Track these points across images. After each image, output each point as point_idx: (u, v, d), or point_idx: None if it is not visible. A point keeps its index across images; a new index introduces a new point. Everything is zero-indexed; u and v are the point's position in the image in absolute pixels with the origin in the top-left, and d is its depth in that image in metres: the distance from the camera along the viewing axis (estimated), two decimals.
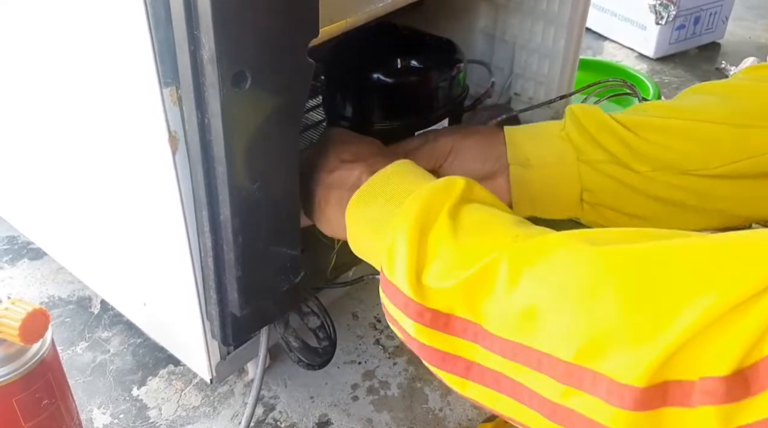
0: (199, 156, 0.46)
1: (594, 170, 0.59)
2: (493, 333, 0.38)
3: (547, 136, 0.61)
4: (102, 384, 0.72)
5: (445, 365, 0.41)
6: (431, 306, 0.40)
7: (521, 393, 0.37)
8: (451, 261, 0.41)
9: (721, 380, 0.29)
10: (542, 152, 0.60)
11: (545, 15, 0.87)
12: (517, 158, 0.61)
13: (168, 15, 0.42)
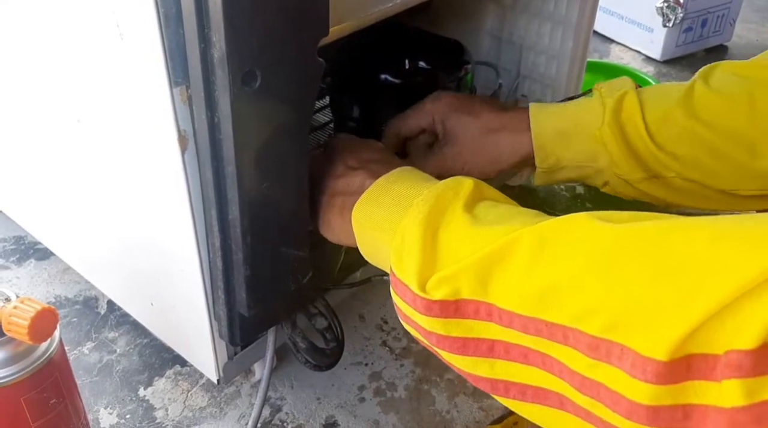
0: (208, 156, 0.46)
1: (625, 183, 0.60)
2: (511, 310, 0.37)
3: (581, 137, 0.59)
4: (109, 385, 0.72)
5: (468, 350, 0.40)
6: (437, 298, 0.40)
7: (551, 364, 0.36)
8: (465, 247, 0.40)
9: (748, 353, 0.29)
10: (574, 155, 0.60)
11: (553, 16, 0.86)
12: (545, 162, 0.61)
13: (179, 14, 0.42)
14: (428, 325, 0.41)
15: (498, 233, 0.39)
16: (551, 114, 0.61)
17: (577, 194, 1.01)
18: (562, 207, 0.98)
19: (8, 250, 0.89)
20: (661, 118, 0.58)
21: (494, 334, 0.39)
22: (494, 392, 0.40)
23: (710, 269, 0.31)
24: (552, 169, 0.61)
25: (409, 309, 0.43)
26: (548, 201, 1.00)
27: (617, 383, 0.32)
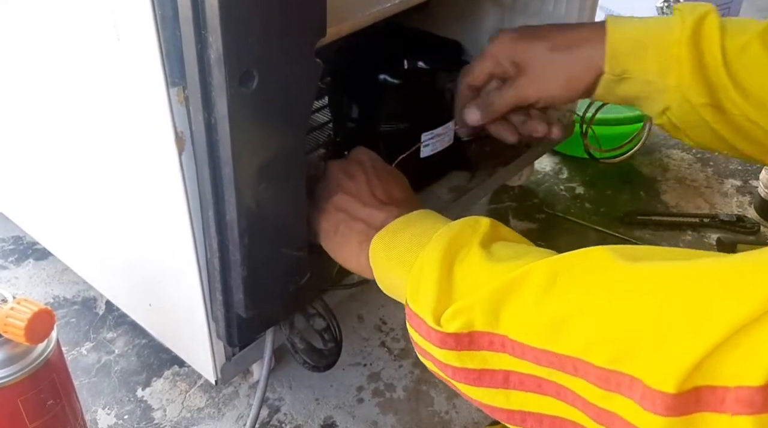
0: (205, 156, 0.46)
1: (689, 105, 0.58)
2: (523, 342, 0.38)
3: (656, 49, 0.58)
4: (107, 385, 0.72)
5: (483, 381, 0.40)
6: (452, 331, 0.40)
7: (565, 394, 0.36)
8: (479, 281, 0.41)
9: (759, 389, 0.29)
10: (645, 68, 0.58)
11: (551, 17, 0.86)
12: (614, 70, 0.59)
13: (175, 14, 0.42)
14: (444, 357, 0.42)
15: (511, 267, 0.40)
16: (629, 24, 0.60)
17: (577, 195, 1.01)
18: (561, 207, 0.98)
19: (7, 250, 0.89)
20: (740, 47, 0.57)
21: (508, 365, 0.39)
22: (511, 422, 0.40)
23: (716, 301, 0.31)
24: (619, 77, 0.59)
25: (424, 342, 0.43)
26: (548, 201, 1.00)
27: (630, 414, 0.33)
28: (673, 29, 0.57)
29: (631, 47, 0.59)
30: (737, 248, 0.88)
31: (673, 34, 0.57)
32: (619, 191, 1.00)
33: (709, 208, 0.99)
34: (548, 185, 1.04)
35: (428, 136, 0.75)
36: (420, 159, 0.76)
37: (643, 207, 0.98)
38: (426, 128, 0.75)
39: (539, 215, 0.97)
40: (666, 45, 0.57)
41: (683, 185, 1.04)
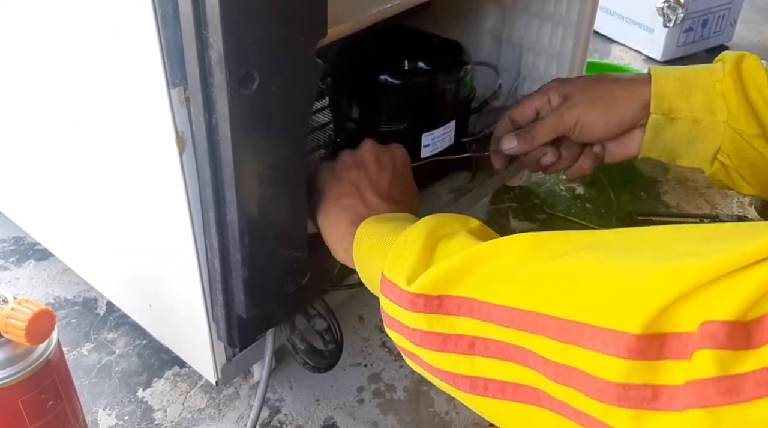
0: (206, 157, 0.46)
1: (740, 138, 0.58)
2: (489, 301, 0.38)
3: (702, 87, 0.58)
4: (107, 386, 0.72)
5: (449, 346, 0.41)
6: (422, 292, 0.41)
7: (526, 357, 0.37)
8: (457, 248, 0.42)
9: (723, 324, 0.28)
10: (692, 106, 0.58)
11: (552, 17, 0.86)
12: (660, 108, 0.59)
13: (176, 15, 0.42)
14: (412, 322, 0.42)
15: (492, 242, 0.40)
16: (673, 69, 0.61)
17: (577, 195, 1.01)
18: (562, 207, 0.98)
19: (8, 251, 0.89)
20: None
21: (474, 330, 0.39)
22: (473, 391, 0.41)
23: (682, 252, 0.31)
24: (667, 116, 0.59)
25: (394, 309, 0.43)
26: (548, 202, 1.00)
27: (588, 364, 0.32)
28: (716, 69, 0.59)
29: (677, 87, 0.59)
30: None
31: (716, 73, 0.58)
32: (619, 192, 1.00)
33: (710, 208, 0.99)
34: (549, 185, 1.04)
35: (429, 136, 0.75)
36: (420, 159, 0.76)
37: (643, 207, 0.98)
38: (426, 128, 0.75)
39: (540, 216, 0.97)
40: (710, 83, 0.58)
41: (684, 186, 1.04)
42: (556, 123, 0.62)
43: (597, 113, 0.61)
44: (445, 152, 0.78)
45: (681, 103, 0.59)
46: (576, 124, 0.61)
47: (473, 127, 0.83)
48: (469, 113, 0.81)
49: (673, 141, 0.60)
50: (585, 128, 0.61)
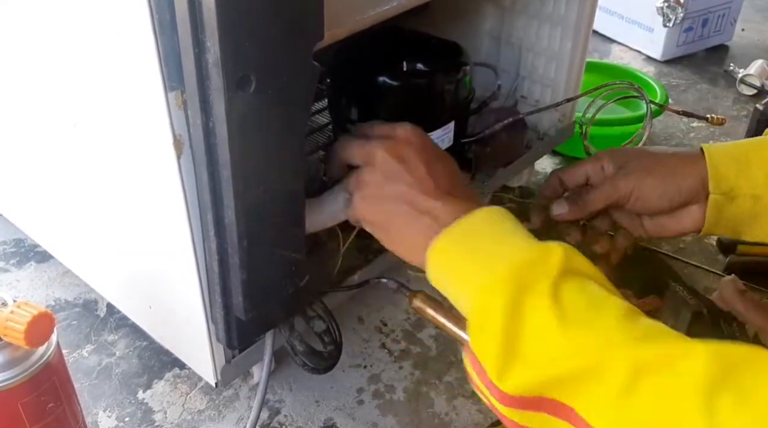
0: (204, 160, 0.46)
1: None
2: (591, 424, 0.37)
3: (759, 163, 0.57)
4: (107, 387, 0.72)
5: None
6: (518, 394, 0.40)
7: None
8: (552, 351, 0.39)
9: None
10: (752, 183, 0.57)
11: (551, 17, 0.86)
12: (720, 188, 0.57)
13: (173, 19, 0.42)
14: (504, 411, 0.41)
15: (589, 347, 0.38)
16: (725, 145, 0.59)
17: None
18: None
19: (8, 253, 0.89)
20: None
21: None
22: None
23: None
24: (727, 196, 0.57)
25: (483, 388, 0.42)
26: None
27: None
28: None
29: (734, 164, 0.57)
30: (737, 249, 0.88)
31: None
32: None
33: None
34: None
35: None
36: None
37: None
38: (425, 129, 0.75)
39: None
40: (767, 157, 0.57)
41: None
42: (610, 191, 0.60)
43: (654, 183, 0.58)
44: None
45: (740, 181, 0.57)
46: (632, 193, 0.59)
47: (472, 128, 0.83)
48: (468, 114, 0.81)
49: (735, 219, 0.58)
50: (641, 197, 0.59)
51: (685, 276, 0.85)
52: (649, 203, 0.59)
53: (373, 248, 0.74)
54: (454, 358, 0.76)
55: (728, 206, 0.57)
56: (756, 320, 0.68)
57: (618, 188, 0.59)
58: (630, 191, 0.59)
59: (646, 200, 0.59)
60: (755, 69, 1.30)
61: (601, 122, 0.92)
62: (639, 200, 0.59)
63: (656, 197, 0.58)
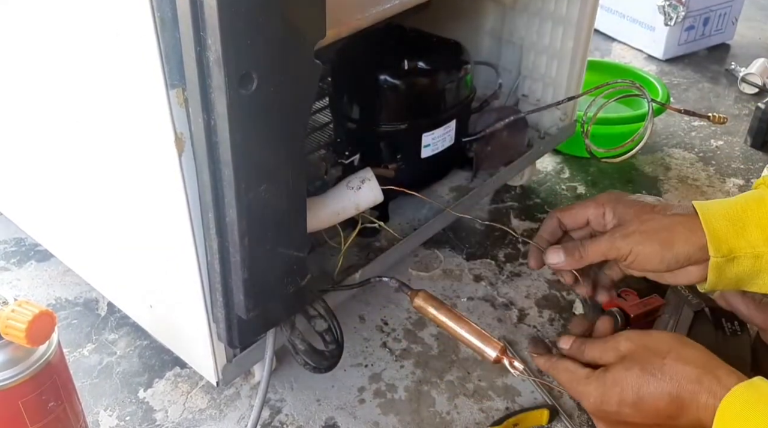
0: (205, 158, 0.46)
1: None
2: None
3: (755, 223, 0.57)
4: (108, 386, 0.72)
5: None
6: None
7: None
8: None
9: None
10: (750, 243, 0.57)
11: (553, 16, 0.86)
12: (720, 252, 0.57)
13: (174, 16, 0.42)
14: None
15: None
16: (717, 204, 0.59)
17: (579, 194, 1.01)
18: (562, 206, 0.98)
19: (9, 252, 0.89)
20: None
21: None
22: None
23: None
24: (727, 258, 0.57)
25: None
26: (549, 201, 1.00)
27: None
28: (762, 201, 0.57)
29: (731, 227, 0.57)
30: None
31: (764, 204, 0.57)
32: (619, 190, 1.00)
33: None
34: (550, 184, 1.03)
35: (429, 136, 0.75)
36: (421, 159, 0.76)
37: None
38: (427, 128, 0.75)
39: (541, 215, 0.97)
40: (762, 215, 0.57)
41: (685, 184, 1.04)
42: (608, 248, 0.59)
43: (653, 248, 0.58)
44: (446, 152, 0.78)
45: (739, 242, 0.57)
46: (630, 253, 0.59)
47: (473, 126, 0.83)
48: (469, 113, 0.81)
49: (737, 277, 0.59)
50: (638, 259, 0.59)
51: None
52: (647, 266, 0.59)
53: (374, 247, 0.74)
54: (456, 357, 0.76)
55: (729, 266, 0.58)
56: (757, 319, 0.68)
57: (617, 248, 0.59)
58: (628, 252, 0.59)
59: (644, 263, 0.59)
60: (756, 68, 1.30)
61: (602, 120, 0.92)
62: (636, 262, 0.59)
63: (655, 262, 0.59)
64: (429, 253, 0.89)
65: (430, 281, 0.86)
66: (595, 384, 0.52)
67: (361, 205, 0.63)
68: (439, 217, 0.77)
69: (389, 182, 0.64)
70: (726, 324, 0.71)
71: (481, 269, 0.87)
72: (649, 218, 0.59)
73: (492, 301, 0.83)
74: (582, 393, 0.53)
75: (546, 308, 0.82)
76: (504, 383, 0.73)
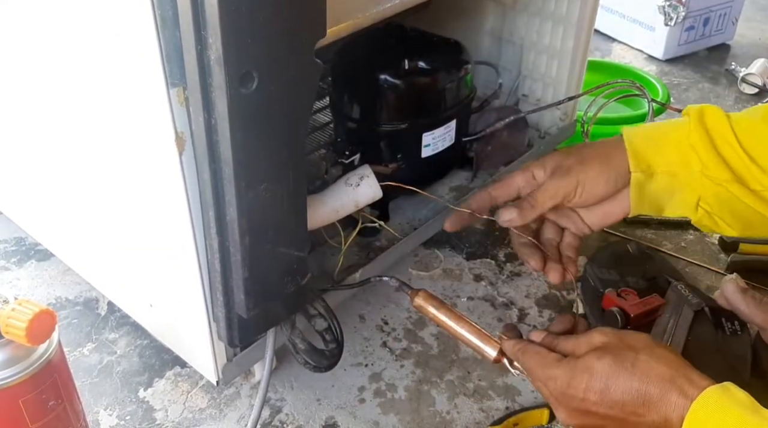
0: (205, 157, 0.46)
1: (716, 185, 0.60)
2: None
3: (673, 143, 0.60)
4: (108, 386, 0.72)
5: None
6: None
7: None
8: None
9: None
10: (666, 160, 0.60)
11: (553, 15, 0.86)
12: (639, 166, 0.60)
13: (175, 15, 0.42)
14: None
15: None
16: (641, 127, 0.63)
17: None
18: None
19: (9, 251, 0.89)
20: (748, 130, 0.59)
21: None
22: None
23: None
24: (646, 174, 0.60)
25: None
26: None
27: None
28: (682, 125, 0.61)
29: (648, 142, 0.61)
30: (739, 247, 0.88)
31: (683, 128, 0.60)
32: None
33: None
34: None
35: (429, 136, 0.75)
36: (421, 158, 0.76)
37: None
38: (427, 127, 0.75)
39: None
40: (680, 138, 0.60)
41: None
42: (556, 189, 0.61)
43: (597, 171, 0.60)
44: (446, 151, 0.78)
45: (656, 158, 0.60)
46: (577, 186, 0.60)
47: (474, 126, 0.83)
48: (469, 113, 0.81)
49: (656, 195, 0.62)
50: (587, 188, 0.60)
51: (686, 275, 0.85)
52: (597, 190, 0.61)
53: (375, 247, 0.74)
54: (456, 357, 0.76)
55: (648, 183, 0.61)
56: (758, 318, 0.68)
57: (564, 185, 0.61)
58: (575, 185, 0.61)
59: (593, 188, 0.61)
60: (757, 68, 1.30)
61: (602, 120, 0.92)
62: (585, 190, 0.61)
63: (602, 183, 0.60)
64: (429, 252, 0.89)
65: (430, 281, 0.86)
66: (565, 368, 0.52)
67: (360, 202, 0.63)
68: (439, 216, 0.77)
69: (388, 179, 0.64)
70: (726, 324, 0.71)
71: (481, 268, 0.87)
72: (578, 151, 0.62)
73: (492, 301, 0.83)
74: (549, 376, 0.52)
75: (546, 307, 0.82)
76: (504, 382, 0.73)
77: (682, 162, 0.60)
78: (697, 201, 0.61)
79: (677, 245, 0.91)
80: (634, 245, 0.86)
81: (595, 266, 0.82)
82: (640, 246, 0.87)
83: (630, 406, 0.49)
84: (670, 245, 0.91)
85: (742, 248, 0.88)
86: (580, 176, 0.60)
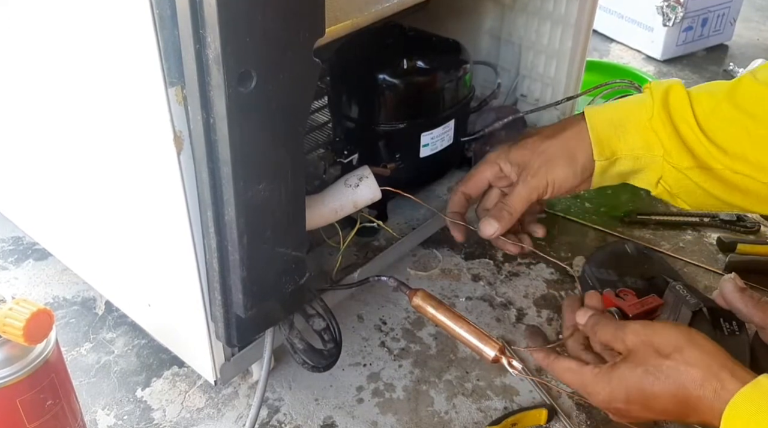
0: (204, 156, 0.45)
1: (676, 171, 0.61)
2: None
3: (636, 127, 0.62)
4: (106, 385, 0.72)
5: None
6: None
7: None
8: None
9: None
10: (630, 145, 0.62)
11: (552, 16, 0.86)
12: (603, 154, 0.62)
13: (173, 14, 0.42)
14: None
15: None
16: (604, 109, 0.64)
17: (577, 194, 1.01)
18: (561, 207, 0.98)
19: (6, 251, 0.89)
20: (709, 110, 0.60)
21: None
22: None
23: None
24: (609, 161, 0.62)
25: None
26: (548, 201, 1.00)
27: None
28: (645, 105, 0.62)
29: (612, 128, 0.62)
30: (737, 248, 0.88)
31: (646, 109, 0.62)
32: (619, 191, 1.00)
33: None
34: None
35: (428, 136, 0.75)
36: (420, 158, 0.76)
37: (643, 207, 0.98)
38: (426, 127, 0.75)
39: (539, 215, 0.96)
40: (643, 121, 0.62)
41: None
42: (528, 191, 0.63)
43: (564, 169, 0.63)
44: (445, 151, 0.78)
45: (620, 144, 0.62)
46: (547, 184, 0.63)
47: (472, 126, 0.83)
48: (468, 112, 0.81)
49: (619, 173, 0.64)
50: (557, 185, 0.63)
51: (685, 275, 0.85)
52: (566, 185, 0.63)
53: (373, 246, 0.74)
54: (454, 356, 0.76)
55: (612, 166, 0.63)
56: (756, 318, 0.68)
57: (535, 187, 0.63)
58: (546, 185, 0.63)
59: (563, 184, 0.63)
60: None
61: None
62: (556, 188, 0.63)
63: (571, 179, 0.63)
64: (427, 252, 0.89)
65: (429, 281, 0.86)
66: (602, 384, 0.52)
67: (359, 202, 0.63)
68: (438, 216, 0.77)
69: (386, 181, 0.64)
70: (724, 324, 0.71)
71: (480, 268, 0.87)
72: (544, 148, 0.64)
73: (490, 300, 0.83)
74: (590, 393, 0.54)
75: (544, 307, 0.82)
76: (502, 382, 0.73)
77: (644, 146, 0.62)
78: (658, 180, 0.63)
79: (675, 246, 0.91)
80: (632, 246, 0.86)
81: (593, 267, 0.82)
82: (638, 246, 0.87)
83: (673, 410, 0.50)
84: (668, 245, 0.91)
85: (740, 249, 0.88)
86: (549, 177, 0.63)
